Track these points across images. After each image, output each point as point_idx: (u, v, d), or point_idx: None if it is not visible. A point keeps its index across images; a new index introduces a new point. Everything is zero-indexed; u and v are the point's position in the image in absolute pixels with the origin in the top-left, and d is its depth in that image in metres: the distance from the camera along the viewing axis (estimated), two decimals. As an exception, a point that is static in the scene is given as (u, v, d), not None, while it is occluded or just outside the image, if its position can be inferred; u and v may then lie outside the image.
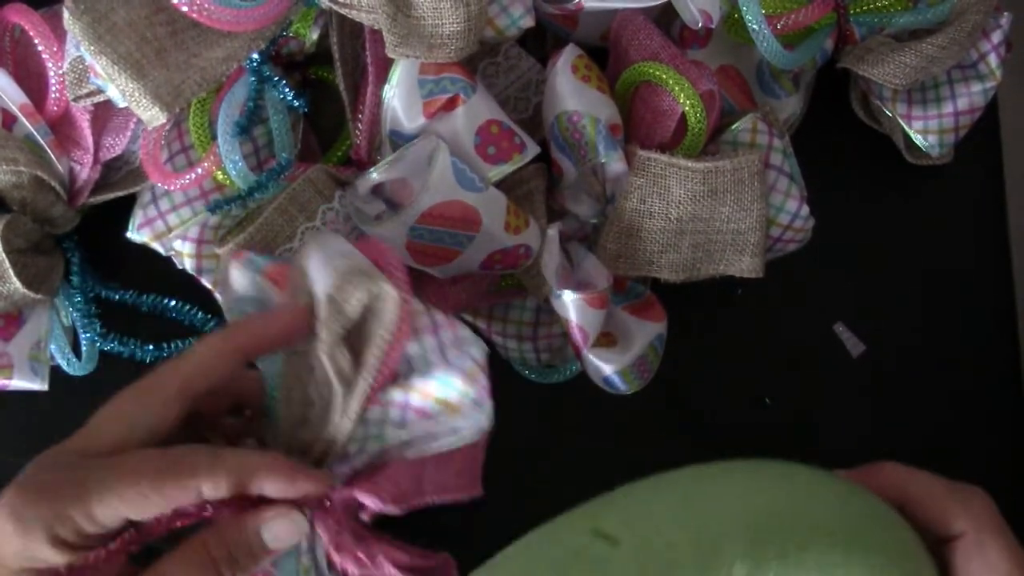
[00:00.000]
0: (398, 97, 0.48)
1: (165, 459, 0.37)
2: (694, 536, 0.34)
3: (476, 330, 0.53)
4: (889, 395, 0.58)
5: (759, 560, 0.34)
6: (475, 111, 0.48)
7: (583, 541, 0.33)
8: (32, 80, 0.52)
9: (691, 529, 0.34)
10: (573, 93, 0.50)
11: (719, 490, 0.37)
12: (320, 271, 0.39)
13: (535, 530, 0.36)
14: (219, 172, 0.50)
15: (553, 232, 0.51)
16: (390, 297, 0.38)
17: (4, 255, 0.49)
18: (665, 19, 0.54)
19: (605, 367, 0.51)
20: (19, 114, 0.50)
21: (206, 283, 0.50)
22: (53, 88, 0.51)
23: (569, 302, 0.49)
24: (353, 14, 0.48)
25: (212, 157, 0.49)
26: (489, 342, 0.54)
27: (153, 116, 0.46)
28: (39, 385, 0.53)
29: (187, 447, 0.38)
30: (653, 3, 0.50)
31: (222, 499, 0.38)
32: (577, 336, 0.50)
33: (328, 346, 0.38)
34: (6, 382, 0.52)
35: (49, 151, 0.51)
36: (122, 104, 0.47)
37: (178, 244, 0.50)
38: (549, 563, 0.34)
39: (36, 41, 0.50)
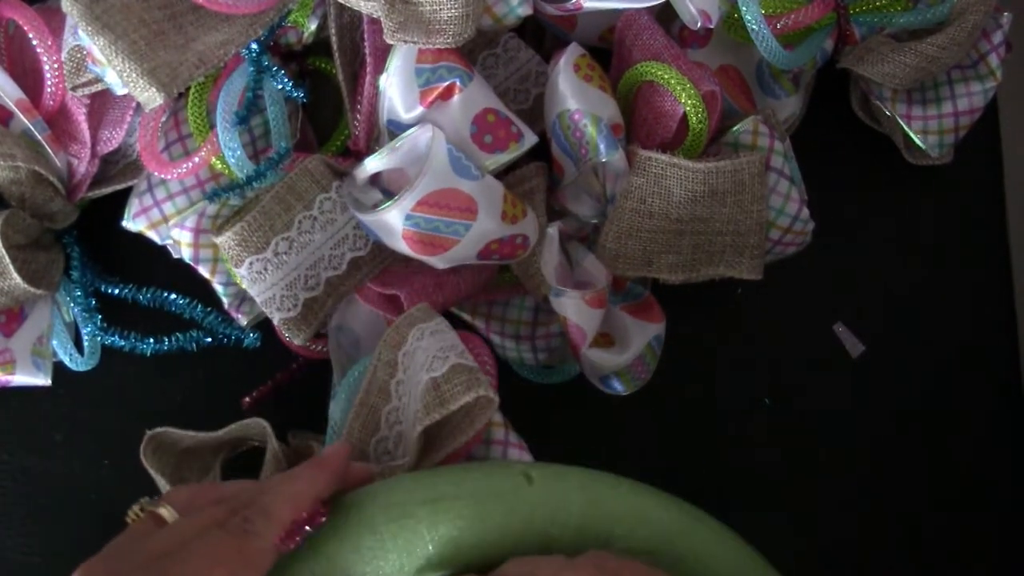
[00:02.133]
0: (395, 86, 0.47)
1: (234, 540, 0.38)
2: (586, 510, 0.41)
3: (474, 329, 0.52)
4: (889, 396, 0.56)
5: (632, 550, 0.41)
6: (472, 100, 0.47)
7: (512, 473, 0.42)
8: (27, 75, 0.50)
9: (586, 505, 0.41)
10: (575, 92, 0.48)
11: (639, 501, 0.43)
12: (430, 353, 0.44)
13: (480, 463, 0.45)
14: (217, 161, 0.49)
15: (552, 231, 0.49)
16: (491, 407, 0.45)
17: (4, 251, 0.48)
18: (664, 19, 0.53)
19: (603, 367, 0.50)
20: (15, 109, 0.49)
21: (203, 272, 0.49)
22: (49, 83, 0.49)
23: (567, 301, 0.48)
24: (351, 2, 0.46)
25: (209, 146, 0.48)
26: (488, 341, 0.52)
27: (150, 97, 0.45)
28: (42, 380, 0.51)
29: (246, 513, 0.39)
30: (652, 2, 0.49)
31: None
32: (575, 335, 0.49)
33: (418, 426, 0.43)
34: (9, 378, 0.51)
35: (46, 146, 0.49)
36: (120, 91, 0.46)
37: (176, 233, 0.48)
38: (483, 477, 0.42)
39: (31, 36, 0.49)
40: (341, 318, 0.50)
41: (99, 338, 0.52)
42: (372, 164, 0.48)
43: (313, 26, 0.50)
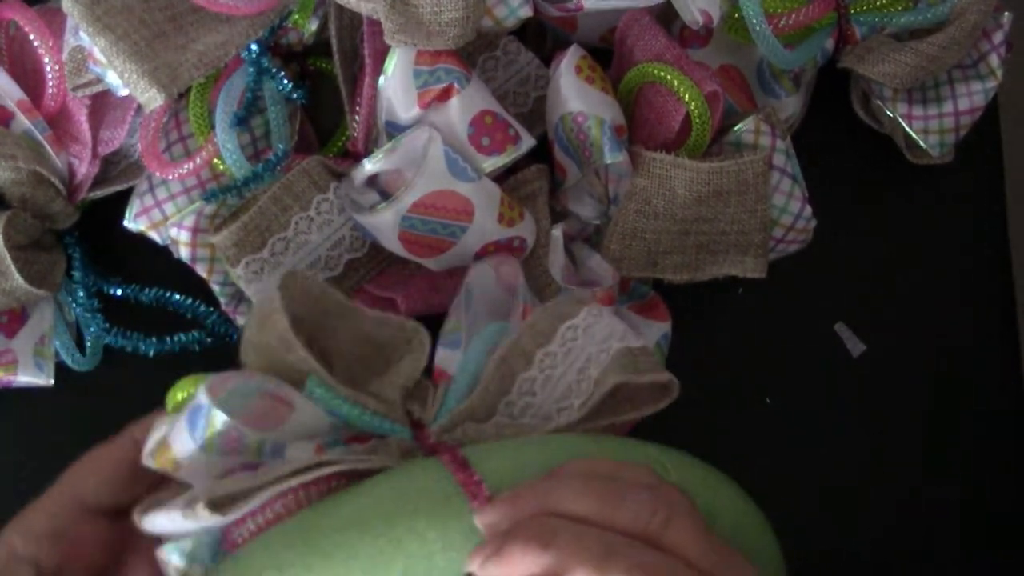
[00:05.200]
0: (393, 88, 0.46)
1: None
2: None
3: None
4: (889, 395, 0.55)
5: None
6: (469, 101, 0.46)
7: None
8: (28, 76, 0.49)
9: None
10: (578, 94, 0.47)
11: None
12: (596, 346, 0.42)
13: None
14: (218, 161, 0.48)
15: (557, 233, 0.49)
16: (669, 396, 0.43)
17: (6, 252, 0.47)
18: (665, 19, 0.52)
19: None
20: (16, 110, 0.48)
21: (200, 271, 0.48)
22: (50, 83, 0.48)
23: None
24: (352, 3, 0.46)
25: (210, 146, 0.47)
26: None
27: (151, 98, 0.44)
28: (44, 380, 0.51)
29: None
30: (653, 2, 0.48)
31: None
32: None
33: (612, 379, 0.40)
34: (11, 378, 0.50)
35: (47, 147, 0.48)
36: (121, 91, 0.46)
37: (174, 232, 0.48)
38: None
39: (32, 36, 0.48)
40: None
41: (101, 338, 0.51)
42: (370, 165, 0.47)
43: (313, 27, 0.49)
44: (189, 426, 0.37)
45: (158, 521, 0.37)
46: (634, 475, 0.35)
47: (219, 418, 0.36)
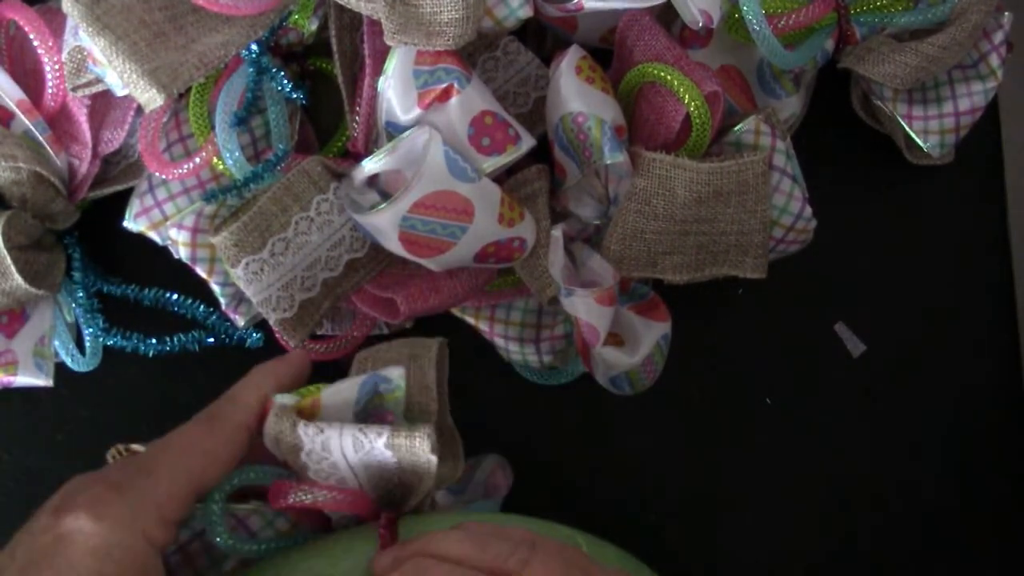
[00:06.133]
0: (393, 88, 0.46)
1: (209, 426, 0.40)
2: None
3: (477, 332, 0.52)
4: (889, 395, 0.55)
5: None
6: (469, 101, 0.46)
7: None
8: (28, 76, 0.49)
9: None
10: (578, 94, 0.47)
11: None
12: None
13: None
14: (218, 161, 0.48)
15: (557, 233, 0.48)
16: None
17: (6, 252, 0.47)
18: (665, 19, 0.52)
19: (615, 366, 0.49)
20: (16, 110, 0.48)
21: (200, 272, 0.48)
22: (50, 83, 0.48)
23: (577, 300, 0.47)
24: (352, 3, 0.46)
25: (210, 146, 0.47)
26: (491, 344, 0.52)
27: (151, 98, 0.44)
28: (44, 381, 0.51)
29: (214, 405, 0.41)
30: (653, 2, 0.48)
31: None
32: (588, 334, 0.48)
33: None
34: (11, 379, 0.50)
35: (48, 147, 0.48)
36: (120, 92, 0.45)
37: (173, 232, 0.47)
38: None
39: (32, 36, 0.48)
40: None
41: (101, 339, 0.51)
42: (370, 166, 0.47)
43: (314, 27, 0.49)
44: (361, 388, 0.42)
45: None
46: (512, 530, 0.39)
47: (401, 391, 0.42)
